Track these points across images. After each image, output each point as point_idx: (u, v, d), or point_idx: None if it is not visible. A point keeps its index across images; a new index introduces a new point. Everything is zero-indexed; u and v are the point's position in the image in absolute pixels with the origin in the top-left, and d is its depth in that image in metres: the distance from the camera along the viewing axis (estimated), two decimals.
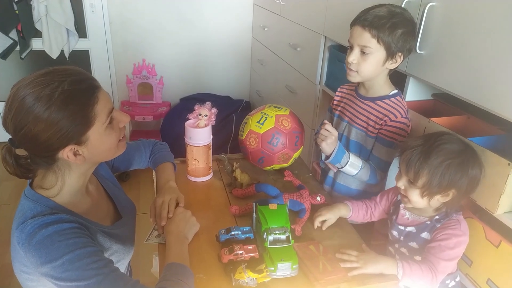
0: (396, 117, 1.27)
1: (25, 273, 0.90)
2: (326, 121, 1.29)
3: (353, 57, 1.24)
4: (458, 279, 1.16)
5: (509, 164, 0.99)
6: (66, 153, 0.87)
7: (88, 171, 0.99)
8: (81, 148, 0.89)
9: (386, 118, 1.28)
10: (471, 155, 1.03)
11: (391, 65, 1.25)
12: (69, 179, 0.94)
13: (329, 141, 1.27)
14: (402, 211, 1.18)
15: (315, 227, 1.17)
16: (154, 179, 1.42)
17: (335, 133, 1.28)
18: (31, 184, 0.95)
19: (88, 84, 0.88)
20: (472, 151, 1.05)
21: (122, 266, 1.09)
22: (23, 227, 0.85)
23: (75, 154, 0.89)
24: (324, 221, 1.18)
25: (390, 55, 1.22)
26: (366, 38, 1.20)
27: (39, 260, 0.83)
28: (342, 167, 1.32)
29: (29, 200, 0.90)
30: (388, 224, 1.24)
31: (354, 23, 1.24)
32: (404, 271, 1.02)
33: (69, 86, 0.84)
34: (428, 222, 1.11)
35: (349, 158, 1.30)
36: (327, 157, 1.31)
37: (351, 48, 1.25)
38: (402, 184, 1.09)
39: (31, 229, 0.84)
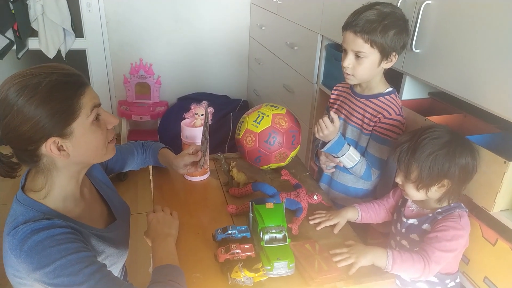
0: (390, 114, 1.28)
1: (17, 277, 0.88)
2: (326, 113, 1.29)
3: (348, 61, 1.25)
4: (458, 280, 1.16)
5: (505, 162, 0.99)
6: (49, 145, 0.85)
7: (80, 173, 0.97)
8: (65, 142, 0.86)
9: (380, 116, 1.29)
10: (458, 144, 1.04)
11: (387, 64, 1.26)
12: (58, 180, 0.92)
13: (326, 133, 1.28)
14: (409, 202, 1.19)
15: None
16: (151, 178, 1.42)
17: (335, 125, 1.28)
18: (23, 188, 0.92)
19: (76, 78, 0.88)
20: (459, 140, 1.06)
21: (116, 270, 1.08)
22: (14, 232, 0.84)
23: (58, 149, 0.86)
24: (334, 225, 1.18)
25: (385, 56, 1.23)
26: (359, 44, 1.20)
27: (31, 266, 0.81)
28: (338, 157, 1.34)
29: (21, 204, 0.88)
30: (394, 216, 1.25)
31: (345, 28, 1.24)
32: (394, 260, 1.02)
33: (58, 77, 0.84)
34: (430, 215, 1.12)
35: (348, 150, 1.32)
36: (323, 146, 1.33)
37: (345, 51, 1.26)
38: (399, 179, 1.13)
39: (22, 235, 0.83)
